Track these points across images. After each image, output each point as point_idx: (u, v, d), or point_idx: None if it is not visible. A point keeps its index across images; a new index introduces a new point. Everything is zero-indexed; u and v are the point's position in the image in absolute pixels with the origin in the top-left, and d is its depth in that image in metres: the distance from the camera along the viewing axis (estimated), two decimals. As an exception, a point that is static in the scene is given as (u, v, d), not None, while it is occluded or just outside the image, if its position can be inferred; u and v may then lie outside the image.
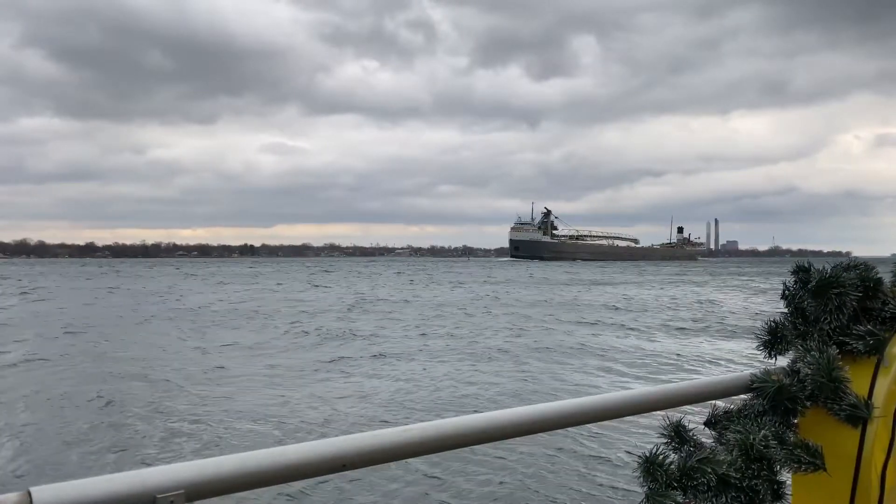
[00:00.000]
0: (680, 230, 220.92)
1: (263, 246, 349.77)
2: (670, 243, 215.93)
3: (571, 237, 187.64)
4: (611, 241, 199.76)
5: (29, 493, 0.93)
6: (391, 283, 60.25)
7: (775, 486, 1.53)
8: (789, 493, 1.60)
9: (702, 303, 35.01)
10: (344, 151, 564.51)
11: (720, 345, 18.86)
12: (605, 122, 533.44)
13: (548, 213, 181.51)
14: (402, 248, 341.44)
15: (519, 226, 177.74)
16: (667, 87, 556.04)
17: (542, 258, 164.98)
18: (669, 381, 1.86)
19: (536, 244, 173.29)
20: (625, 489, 6.97)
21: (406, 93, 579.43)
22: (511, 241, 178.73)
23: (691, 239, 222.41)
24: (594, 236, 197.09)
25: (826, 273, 1.77)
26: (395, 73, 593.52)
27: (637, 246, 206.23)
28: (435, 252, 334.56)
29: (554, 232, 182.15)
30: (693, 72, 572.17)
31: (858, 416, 1.61)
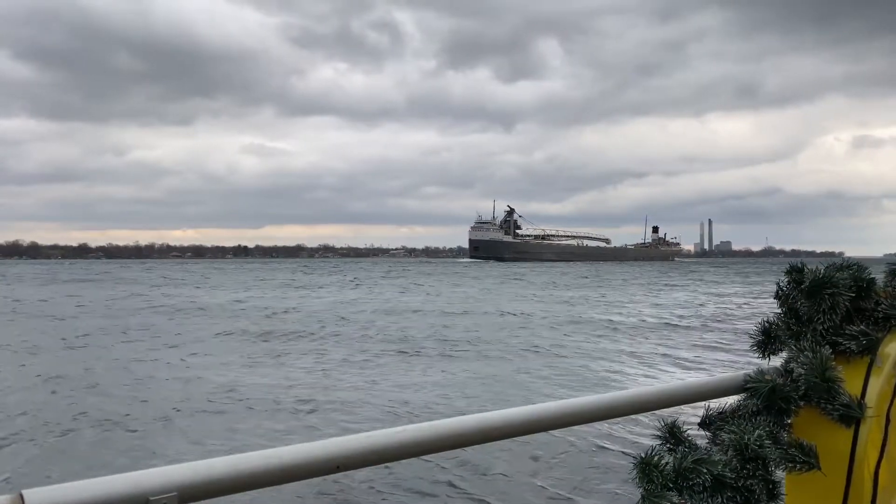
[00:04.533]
0: (655, 230, 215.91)
1: (257, 247, 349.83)
2: (644, 243, 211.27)
3: (536, 237, 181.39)
4: (579, 242, 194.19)
5: (21, 496, 0.93)
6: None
7: (770, 486, 1.53)
8: (784, 492, 1.60)
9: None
10: (326, 153, 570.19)
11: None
12: (582, 125, 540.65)
13: (511, 212, 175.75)
14: (396, 249, 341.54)
15: (479, 225, 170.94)
16: (638, 89, 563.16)
17: (503, 259, 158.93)
18: (663, 382, 1.87)
19: (497, 244, 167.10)
20: (620, 490, 6.98)
21: (379, 95, 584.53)
22: (471, 241, 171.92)
23: (667, 239, 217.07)
24: (561, 236, 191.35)
25: (819, 273, 1.77)
26: (365, 75, 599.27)
27: (608, 246, 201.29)
28: (430, 253, 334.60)
29: (518, 231, 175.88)
30: (662, 74, 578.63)
31: (851, 415, 1.62)
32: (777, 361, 1.78)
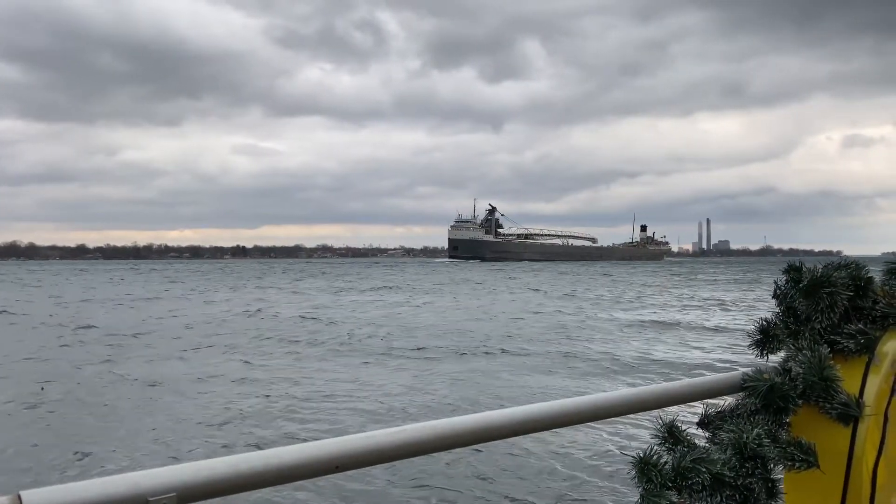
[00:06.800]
0: (643, 228, 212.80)
1: (255, 247, 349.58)
2: (632, 242, 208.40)
3: (519, 236, 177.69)
4: (565, 241, 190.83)
5: (19, 497, 0.92)
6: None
7: (769, 485, 1.53)
8: (783, 491, 1.60)
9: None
10: (317, 153, 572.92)
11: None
12: (570, 125, 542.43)
13: (492, 211, 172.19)
14: (395, 249, 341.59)
15: (458, 224, 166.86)
16: (624, 89, 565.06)
17: (483, 258, 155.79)
18: (662, 381, 1.86)
19: (477, 243, 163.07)
20: (619, 490, 6.98)
21: (366, 95, 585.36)
22: (450, 240, 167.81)
23: (656, 238, 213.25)
24: (546, 235, 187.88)
25: (817, 272, 1.77)
26: (351, 75, 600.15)
27: (594, 245, 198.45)
28: (427, 252, 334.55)
29: (500, 231, 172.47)
30: (646, 74, 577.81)
31: (850, 414, 1.62)
32: (775, 360, 1.78)
